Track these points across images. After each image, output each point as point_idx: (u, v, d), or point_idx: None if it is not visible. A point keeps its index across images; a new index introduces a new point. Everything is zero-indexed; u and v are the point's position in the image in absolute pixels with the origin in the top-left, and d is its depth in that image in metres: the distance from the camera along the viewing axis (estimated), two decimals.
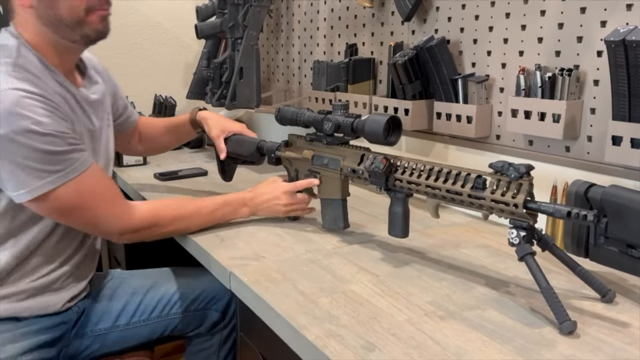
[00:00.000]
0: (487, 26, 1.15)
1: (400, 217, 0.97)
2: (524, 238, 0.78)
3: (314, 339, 0.71)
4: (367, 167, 0.96)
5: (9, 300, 0.96)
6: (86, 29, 0.95)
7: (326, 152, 1.08)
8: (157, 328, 1.16)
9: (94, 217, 0.96)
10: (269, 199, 1.12)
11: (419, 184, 0.89)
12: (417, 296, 0.84)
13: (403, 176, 0.92)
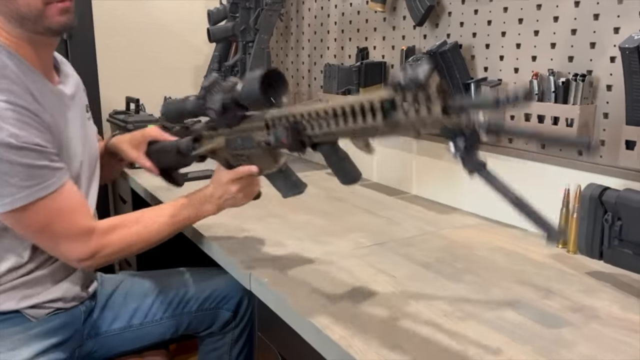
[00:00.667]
0: (500, 31, 1.17)
1: (344, 161, 0.86)
2: (467, 148, 0.64)
3: (338, 339, 0.73)
4: (273, 143, 0.86)
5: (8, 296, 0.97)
6: (47, 22, 0.93)
7: (234, 133, 0.96)
8: (169, 328, 1.17)
9: (55, 239, 0.93)
10: (223, 193, 1.01)
11: (334, 133, 0.78)
12: (435, 297, 0.86)
13: (314, 132, 0.80)
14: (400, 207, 1.36)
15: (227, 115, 0.93)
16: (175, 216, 1.02)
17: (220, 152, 1.03)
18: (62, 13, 0.93)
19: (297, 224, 1.21)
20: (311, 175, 1.73)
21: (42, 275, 0.99)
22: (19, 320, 0.97)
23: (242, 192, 1.01)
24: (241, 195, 1.01)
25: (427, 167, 1.44)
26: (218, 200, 1.02)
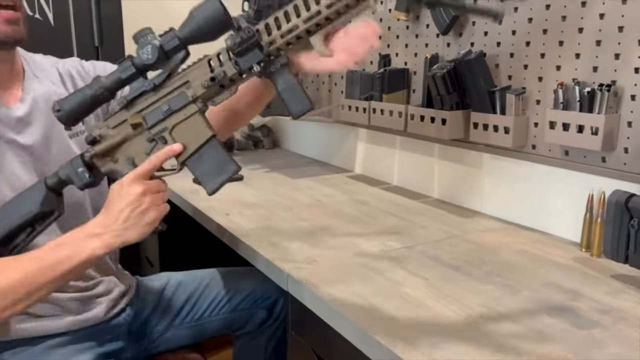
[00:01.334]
0: (524, 41, 1.20)
1: (296, 86, 0.81)
2: None
3: (381, 339, 0.77)
4: (229, 45, 0.78)
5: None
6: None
7: (161, 97, 0.83)
8: (208, 327, 1.22)
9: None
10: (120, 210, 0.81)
11: (295, 28, 0.77)
12: (468, 299, 0.90)
13: (273, 34, 0.78)
14: (423, 211, 1.40)
15: (165, 63, 0.81)
16: (43, 259, 0.81)
17: (129, 147, 0.85)
18: (7, 23, 0.87)
19: (325, 227, 1.25)
20: (331, 178, 1.77)
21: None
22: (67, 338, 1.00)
23: (150, 198, 0.81)
24: (147, 202, 0.80)
25: (449, 171, 1.48)
26: (109, 227, 0.81)
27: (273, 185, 1.66)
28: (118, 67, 0.82)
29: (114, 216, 0.81)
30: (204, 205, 1.41)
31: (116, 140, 0.85)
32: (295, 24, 0.78)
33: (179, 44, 0.81)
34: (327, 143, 2.01)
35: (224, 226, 1.26)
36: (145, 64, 0.81)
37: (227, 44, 0.79)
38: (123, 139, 0.85)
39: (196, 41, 0.81)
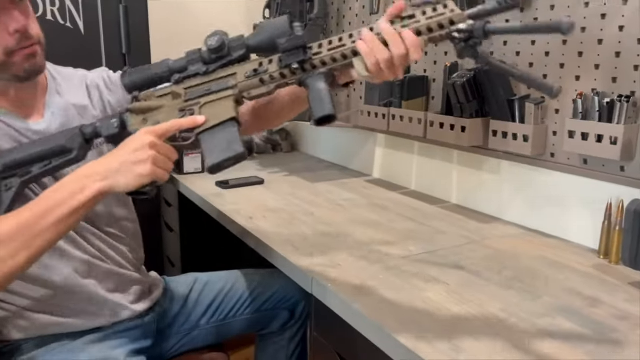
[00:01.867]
0: (544, 51, 1.23)
1: (324, 91, 0.85)
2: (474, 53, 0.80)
3: (405, 341, 0.80)
4: (283, 44, 0.84)
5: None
6: (13, 70, 0.92)
7: (208, 81, 0.90)
8: (233, 327, 1.26)
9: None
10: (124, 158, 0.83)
11: (343, 46, 0.83)
12: (488, 304, 0.92)
13: (323, 48, 0.85)
14: (442, 217, 1.43)
15: (220, 55, 0.89)
16: (40, 205, 0.82)
17: (160, 112, 0.91)
18: (27, 59, 0.92)
19: (346, 231, 1.29)
20: (349, 182, 1.81)
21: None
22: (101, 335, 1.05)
23: (154, 154, 0.82)
24: (148, 156, 0.82)
25: (468, 177, 1.50)
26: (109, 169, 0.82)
27: (293, 189, 1.70)
28: (186, 54, 0.91)
29: (112, 158, 0.83)
30: (229, 209, 1.45)
31: (154, 104, 0.92)
32: (345, 43, 0.84)
33: (241, 45, 0.89)
34: (346, 147, 2.04)
35: (248, 229, 1.30)
36: (208, 48, 0.89)
37: (280, 45, 0.85)
38: (160, 105, 0.92)
39: (259, 50, 0.89)
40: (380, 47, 0.81)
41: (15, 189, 0.89)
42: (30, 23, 0.92)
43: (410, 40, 0.80)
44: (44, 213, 0.81)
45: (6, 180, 0.89)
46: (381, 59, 0.81)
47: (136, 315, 1.10)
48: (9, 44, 0.90)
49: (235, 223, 1.36)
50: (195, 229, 1.94)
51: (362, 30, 0.83)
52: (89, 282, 1.03)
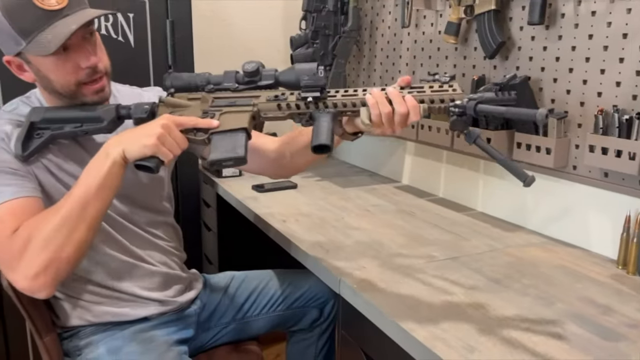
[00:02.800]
0: (568, 67, 1.27)
1: (326, 125, 0.95)
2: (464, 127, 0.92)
3: (423, 340, 0.87)
4: (305, 80, 0.96)
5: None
6: (82, 98, 1.03)
7: (234, 97, 1.02)
8: (266, 323, 1.35)
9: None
10: (139, 130, 0.96)
11: (354, 96, 0.96)
12: (504, 308, 0.98)
13: (337, 94, 0.98)
14: (467, 224, 1.48)
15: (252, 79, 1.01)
16: (73, 192, 0.95)
17: (188, 110, 1.02)
18: (95, 93, 1.04)
19: (373, 235, 1.36)
20: (379, 188, 1.88)
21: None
22: (149, 325, 1.16)
23: (164, 134, 0.93)
24: (158, 134, 0.93)
25: (493, 186, 1.55)
26: (122, 136, 0.96)
27: (324, 193, 1.78)
28: (225, 72, 1.04)
29: (129, 131, 0.97)
30: (263, 212, 1.55)
31: (183, 102, 1.04)
32: (357, 94, 0.98)
33: (272, 76, 1.01)
34: (376, 154, 2.11)
35: (282, 232, 1.39)
36: (244, 71, 1.02)
37: (302, 78, 0.98)
38: (188, 105, 1.04)
39: (285, 85, 1.01)
40: (385, 102, 0.94)
41: (45, 138, 1.03)
42: (99, 55, 1.04)
43: (412, 103, 0.93)
44: (87, 186, 0.94)
45: (41, 130, 1.03)
46: (383, 113, 0.94)
47: (179, 308, 1.21)
48: (80, 77, 1.02)
49: (270, 225, 1.45)
50: (232, 229, 2.04)
51: (372, 89, 0.96)
52: (136, 281, 1.15)
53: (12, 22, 0.95)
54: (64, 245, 0.92)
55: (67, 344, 1.14)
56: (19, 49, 0.97)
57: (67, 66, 1.00)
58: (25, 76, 1.04)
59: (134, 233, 1.16)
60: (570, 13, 1.26)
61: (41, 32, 0.95)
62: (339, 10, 1.91)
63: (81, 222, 0.94)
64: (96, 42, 1.04)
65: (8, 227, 0.94)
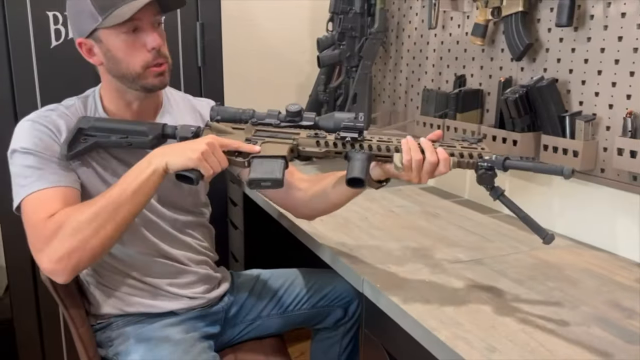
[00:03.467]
0: (596, 70, 1.26)
1: (362, 162, 1.02)
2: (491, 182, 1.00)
3: (445, 339, 0.88)
4: (345, 123, 1.04)
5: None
6: (143, 82, 1.09)
7: (276, 132, 1.09)
8: (290, 320, 1.38)
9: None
10: (184, 145, 1.03)
11: (390, 141, 1.04)
12: (528, 310, 0.99)
13: (373, 137, 1.05)
14: (492, 226, 1.48)
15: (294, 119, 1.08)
16: (120, 185, 1.01)
17: (229, 136, 1.08)
18: (157, 76, 1.10)
19: (397, 236, 1.38)
20: (404, 189, 1.88)
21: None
22: (178, 319, 1.21)
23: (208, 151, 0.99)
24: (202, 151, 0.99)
25: (520, 188, 1.55)
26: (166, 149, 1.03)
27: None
28: (269, 110, 1.11)
29: (175, 144, 1.04)
30: None
31: (228, 129, 1.10)
32: (391, 140, 1.05)
33: (312, 118, 1.09)
34: None
35: (307, 231, 1.41)
36: (288, 110, 1.10)
37: (342, 123, 1.05)
38: (232, 132, 1.10)
39: (324, 129, 1.08)
40: (417, 149, 1.00)
41: (89, 143, 1.09)
42: (164, 44, 1.11)
43: (443, 155, 0.99)
44: (123, 188, 1.01)
45: (87, 136, 1.09)
46: (414, 159, 0.99)
47: (207, 304, 1.25)
48: (147, 58, 1.08)
49: (295, 224, 1.48)
50: (258, 228, 2.08)
51: (407, 136, 1.03)
52: (168, 278, 1.20)
53: (94, 0, 1.04)
54: (90, 238, 0.99)
55: (100, 335, 1.19)
56: (95, 25, 1.05)
57: (135, 45, 1.07)
58: (93, 60, 1.11)
59: (171, 235, 1.21)
60: (599, 15, 1.25)
61: (117, 8, 1.03)
62: (365, 12, 1.92)
63: (111, 220, 1.00)
64: (162, 32, 1.12)
65: (46, 210, 1.01)
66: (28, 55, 1.64)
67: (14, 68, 1.64)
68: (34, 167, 1.05)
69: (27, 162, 1.05)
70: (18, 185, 1.05)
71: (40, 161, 1.05)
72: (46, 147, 1.07)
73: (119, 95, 1.14)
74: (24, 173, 1.05)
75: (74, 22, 1.10)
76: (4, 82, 1.63)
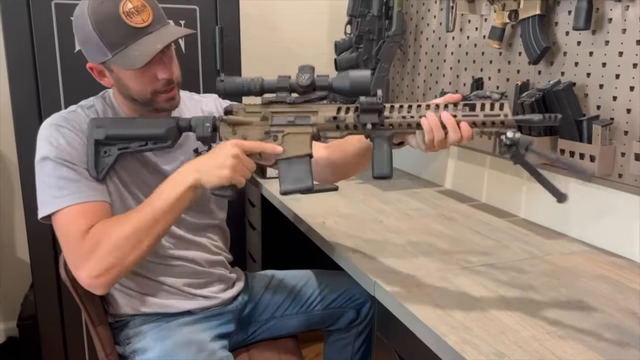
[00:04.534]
0: (614, 73, 1.25)
1: (386, 153, 1.00)
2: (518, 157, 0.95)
3: (453, 344, 0.88)
4: (361, 101, 0.99)
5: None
6: (155, 105, 1.11)
7: (292, 112, 1.04)
8: (303, 321, 1.40)
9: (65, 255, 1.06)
10: (213, 161, 1.02)
11: (412, 117, 0.98)
12: (539, 316, 0.98)
13: (392, 113, 1.00)
14: (508, 230, 1.47)
15: (308, 93, 1.03)
16: (155, 200, 1.03)
17: (248, 129, 1.06)
18: (167, 101, 1.11)
19: (410, 240, 1.38)
20: (421, 192, 1.88)
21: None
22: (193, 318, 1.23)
23: (236, 163, 0.99)
24: (231, 164, 0.99)
25: (537, 192, 1.53)
26: (199, 168, 1.02)
27: (364, 196, 1.81)
28: (278, 78, 1.05)
29: (205, 159, 1.03)
30: (303, 213, 1.59)
31: (245, 120, 1.07)
32: (412, 114, 1.00)
33: (326, 85, 1.03)
34: (419, 158, 2.12)
35: (320, 233, 1.42)
36: (299, 83, 1.03)
37: (360, 101, 1.00)
38: (249, 122, 1.07)
39: (339, 92, 1.03)
40: (440, 128, 0.97)
41: (114, 157, 1.10)
42: (173, 69, 1.11)
43: (466, 132, 0.96)
44: (158, 205, 1.03)
45: (106, 147, 1.10)
46: (437, 139, 0.97)
47: (222, 304, 1.27)
48: (157, 87, 1.09)
49: (308, 226, 1.49)
50: (275, 229, 2.10)
51: (428, 112, 0.98)
52: (183, 278, 1.23)
53: (101, 36, 1.03)
54: (128, 255, 1.02)
55: (117, 333, 1.22)
56: (104, 59, 1.05)
57: (145, 77, 1.07)
58: (104, 81, 1.13)
59: (186, 238, 1.23)
60: (617, 18, 1.23)
61: (127, 47, 1.03)
62: (383, 15, 1.92)
63: (147, 236, 1.03)
64: (172, 55, 1.12)
65: (82, 225, 1.03)
66: (53, 59, 1.70)
67: (40, 72, 1.70)
68: (69, 179, 1.05)
69: (62, 173, 1.05)
70: (50, 196, 1.05)
71: (75, 174, 1.06)
72: (80, 156, 1.07)
73: (134, 107, 1.16)
74: (58, 184, 1.04)
75: (84, 47, 1.09)
76: (30, 86, 1.69)
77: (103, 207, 1.08)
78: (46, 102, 1.71)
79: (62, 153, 1.06)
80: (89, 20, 1.02)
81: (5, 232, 2.26)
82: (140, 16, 1.03)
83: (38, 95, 1.71)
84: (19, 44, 1.66)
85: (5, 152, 2.18)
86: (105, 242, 1.01)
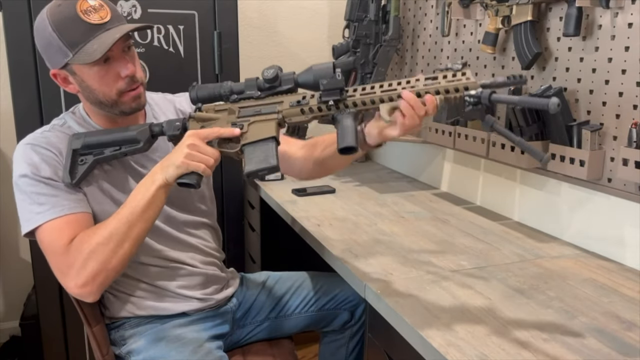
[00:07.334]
0: (604, 79, 1.26)
1: (351, 127, 0.99)
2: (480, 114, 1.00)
3: (437, 346, 0.90)
4: (324, 84, 1.00)
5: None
6: (121, 107, 1.12)
7: (259, 104, 1.07)
8: (298, 322, 1.42)
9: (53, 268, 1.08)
10: (172, 154, 1.05)
11: (372, 94, 0.99)
12: (523, 319, 1.00)
13: (355, 93, 1.01)
14: (501, 233, 1.49)
15: (273, 85, 1.05)
16: (130, 203, 1.06)
17: (216, 123, 1.08)
18: (134, 100, 1.13)
19: (403, 243, 1.40)
20: (417, 195, 1.90)
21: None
22: (187, 319, 1.25)
23: (192, 152, 1.01)
24: (186, 153, 1.01)
25: (530, 196, 1.55)
26: (162, 164, 1.05)
27: (361, 199, 1.83)
28: (245, 80, 1.08)
29: (166, 157, 1.06)
30: (299, 215, 1.61)
31: (213, 115, 1.10)
32: (374, 91, 1.01)
33: (291, 79, 1.06)
34: (416, 160, 2.14)
35: (315, 235, 1.44)
36: (264, 77, 1.06)
37: (321, 82, 1.02)
38: (217, 117, 1.10)
39: (304, 86, 1.05)
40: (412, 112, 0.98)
41: (89, 164, 1.12)
42: (136, 66, 1.13)
43: (431, 104, 0.98)
44: (132, 207, 1.06)
45: (83, 156, 1.13)
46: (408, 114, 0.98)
47: (217, 305, 1.29)
48: (121, 86, 1.11)
49: (304, 228, 1.51)
50: (275, 231, 2.12)
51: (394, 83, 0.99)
52: (177, 281, 1.25)
53: (61, 36, 1.05)
54: (111, 259, 1.05)
55: (114, 334, 1.25)
56: (66, 60, 1.07)
57: (108, 75, 1.09)
58: (69, 88, 1.15)
59: (177, 239, 1.25)
60: (607, 25, 1.24)
61: (87, 43, 1.05)
62: (380, 20, 1.95)
63: (127, 239, 1.05)
64: (134, 55, 1.14)
65: (64, 237, 1.06)
66: None
67: (41, 75, 1.73)
68: (47, 194, 1.08)
69: (40, 189, 1.08)
70: (31, 212, 1.07)
71: (52, 189, 1.09)
72: (55, 172, 1.10)
73: (103, 114, 1.18)
74: (38, 200, 1.07)
75: (45, 53, 1.10)
76: (32, 89, 1.72)
77: (84, 218, 1.10)
78: (47, 104, 1.74)
79: (39, 170, 1.08)
80: (48, 23, 1.05)
81: (9, 233, 2.30)
82: (97, 14, 1.06)
83: (39, 98, 1.74)
84: (21, 47, 1.69)
85: (8, 154, 2.22)
86: (87, 250, 1.03)
